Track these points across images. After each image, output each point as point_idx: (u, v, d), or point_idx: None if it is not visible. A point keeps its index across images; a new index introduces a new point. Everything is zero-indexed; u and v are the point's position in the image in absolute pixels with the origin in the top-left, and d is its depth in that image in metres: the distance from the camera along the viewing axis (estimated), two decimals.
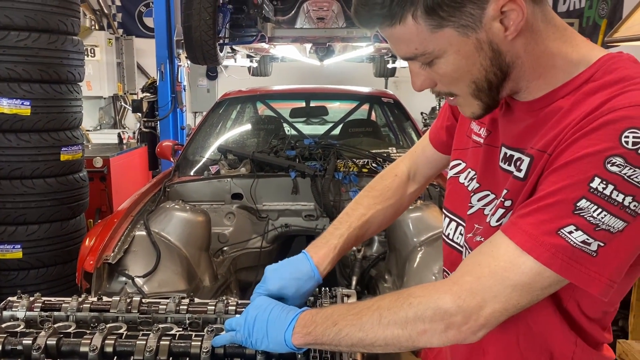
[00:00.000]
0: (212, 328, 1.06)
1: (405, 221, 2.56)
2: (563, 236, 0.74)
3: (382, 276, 2.69)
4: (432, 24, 0.76)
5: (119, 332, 1.08)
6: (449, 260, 1.10)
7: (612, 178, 0.71)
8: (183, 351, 1.02)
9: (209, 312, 1.17)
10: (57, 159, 3.31)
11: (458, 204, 1.05)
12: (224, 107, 3.94)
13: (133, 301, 1.18)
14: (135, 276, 2.25)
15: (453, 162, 1.09)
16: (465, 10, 0.75)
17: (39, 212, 3.26)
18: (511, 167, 0.90)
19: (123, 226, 2.44)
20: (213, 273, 2.63)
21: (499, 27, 0.77)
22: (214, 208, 3.01)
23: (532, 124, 0.87)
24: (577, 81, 0.82)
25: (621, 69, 0.80)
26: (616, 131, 0.72)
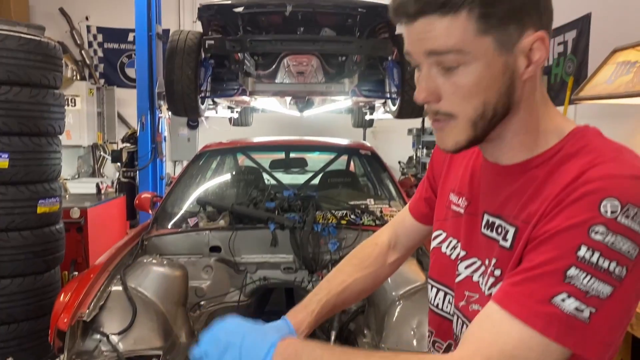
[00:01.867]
0: None
1: None
2: (556, 304, 0.77)
3: (360, 331, 2.68)
4: (480, 27, 0.79)
5: None
6: (441, 330, 1.11)
7: (597, 246, 0.76)
8: None
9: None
10: (34, 211, 3.28)
11: (443, 273, 1.08)
12: (203, 159, 3.97)
13: None
14: (110, 333, 2.21)
15: (435, 233, 1.13)
16: (509, 29, 0.80)
17: (12, 266, 3.20)
18: (494, 234, 0.93)
19: (99, 281, 2.41)
20: (190, 329, 2.59)
21: (523, 61, 0.83)
22: (192, 261, 2.99)
23: (512, 192, 0.91)
24: (551, 151, 0.88)
25: (590, 141, 0.86)
26: (595, 202, 0.77)
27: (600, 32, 4.16)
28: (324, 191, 3.68)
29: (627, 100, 2.97)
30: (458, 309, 1.01)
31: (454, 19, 0.79)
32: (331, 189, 3.79)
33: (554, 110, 0.92)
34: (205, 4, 4.15)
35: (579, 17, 4.45)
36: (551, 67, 4.97)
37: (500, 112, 0.86)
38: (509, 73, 0.83)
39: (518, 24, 0.80)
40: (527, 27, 0.81)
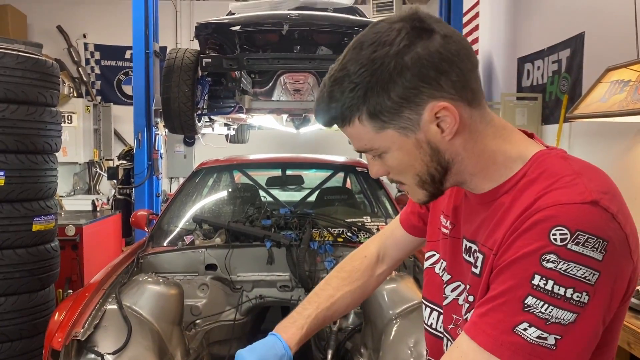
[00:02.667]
0: None
1: (380, 293, 2.57)
2: (519, 333, 0.78)
3: (357, 350, 2.66)
4: (375, 126, 0.87)
5: None
6: (434, 350, 1.12)
7: (550, 274, 0.77)
8: None
9: None
10: (29, 229, 3.25)
11: (435, 294, 1.09)
12: (200, 176, 3.97)
13: None
14: (105, 353, 2.18)
15: (428, 253, 1.14)
16: (404, 115, 0.85)
17: (6, 284, 3.16)
18: (471, 259, 0.96)
19: (94, 300, 2.39)
20: (185, 348, 2.57)
21: (435, 130, 0.86)
22: (188, 279, 2.98)
23: (484, 219, 0.94)
24: (516, 177, 0.89)
25: (549, 166, 0.87)
26: (545, 230, 0.78)
27: (594, 51, 4.20)
28: (321, 208, 3.68)
29: (621, 119, 2.99)
30: (447, 331, 1.03)
31: (353, 127, 0.89)
32: (328, 206, 3.79)
33: (516, 138, 0.93)
34: (203, 22, 4.19)
35: (572, 35, 4.50)
36: (546, 85, 5.01)
37: (438, 172, 0.92)
38: (425, 145, 0.88)
39: (411, 107, 0.84)
40: (425, 103, 0.84)
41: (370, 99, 0.84)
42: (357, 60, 0.84)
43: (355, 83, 0.84)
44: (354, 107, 0.86)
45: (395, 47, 0.82)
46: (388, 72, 0.82)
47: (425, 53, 0.82)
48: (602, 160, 3.86)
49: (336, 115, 0.89)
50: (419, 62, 0.82)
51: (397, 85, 0.82)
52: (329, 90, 0.88)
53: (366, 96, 0.84)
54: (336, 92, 0.86)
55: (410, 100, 0.83)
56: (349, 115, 0.87)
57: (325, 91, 0.89)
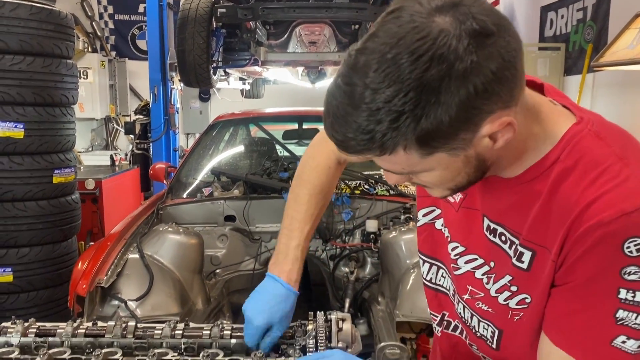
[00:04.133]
0: (207, 353, 1.06)
1: (398, 243, 2.58)
2: (618, 346, 0.78)
3: (375, 298, 2.69)
4: (423, 153, 0.73)
5: (115, 357, 1.09)
6: (436, 303, 1.12)
7: (635, 285, 0.76)
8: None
9: (204, 337, 1.17)
10: (50, 181, 3.30)
11: (437, 249, 1.07)
12: (217, 129, 3.96)
13: (128, 326, 1.18)
14: (128, 300, 2.24)
15: (427, 208, 1.09)
16: (459, 137, 0.72)
17: (30, 235, 3.24)
18: (498, 241, 0.91)
19: (116, 249, 2.44)
20: (206, 296, 2.62)
21: (488, 142, 0.76)
22: (207, 230, 3.02)
23: (512, 204, 0.87)
24: (546, 161, 0.82)
25: (586, 151, 0.81)
26: (617, 245, 0.75)
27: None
28: None
29: None
30: (462, 300, 1.01)
31: (393, 156, 0.74)
32: None
33: (543, 115, 0.84)
34: None
35: None
36: (569, 34, 4.85)
37: (477, 178, 0.84)
38: (473, 159, 0.79)
39: (468, 127, 0.72)
40: (484, 121, 0.72)
41: (421, 126, 0.69)
42: (397, 79, 0.67)
43: (399, 111, 0.67)
44: (398, 138, 0.70)
45: (459, 63, 0.67)
46: (449, 94, 0.67)
47: (492, 66, 0.69)
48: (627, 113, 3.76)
49: (372, 147, 0.72)
50: (485, 78, 0.68)
51: (456, 107, 0.68)
52: (357, 119, 0.70)
53: (416, 124, 0.69)
54: (370, 122, 0.69)
55: (470, 121, 0.71)
56: (390, 147, 0.72)
57: (352, 119, 0.71)
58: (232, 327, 1.20)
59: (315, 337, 1.11)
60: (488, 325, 0.97)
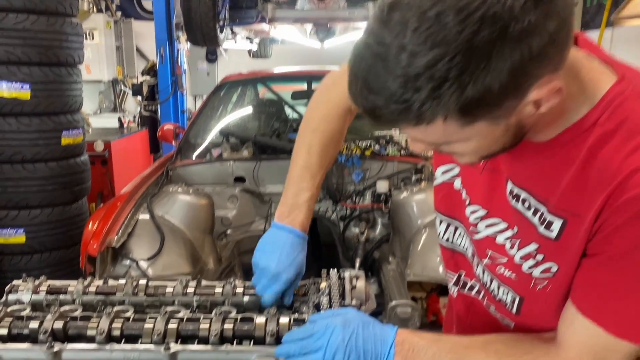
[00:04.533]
0: (220, 311, 1.05)
1: (409, 204, 2.55)
2: None
3: (385, 258, 2.69)
4: (463, 122, 0.66)
5: (126, 315, 1.07)
6: (452, 263, 1.09)
7: None
8: (192, 334, 1.01)
9: (216, 295, 1.16)
10: (58, 142, 3.28)
11: (455, 209, 1.03)
12: (224, 90, 3.90)
13: (139, 284, 1.17)
14: (139, 259, 2.25)
15: (445, 166, 1.04)
16: (503, 105, 0.65)
17: (40, 196, 3.24)
18: (521, 207, 0.86)
19: (126, 210, 2.43)
20: (217, 256, 2.63)
21: (530, 108, 0.69)
22: (217, 191, 3.00)
23: (541, 170, 0.82)
24: (584, 124, 0.76)
25: (629, 113, 0.74)
26: None
27: None
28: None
29: None
30: (482, 263, 0.98)
31: (430, 126, 0.67)
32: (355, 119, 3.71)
33: (583, 74, 0.77)
34: None
35: None
36: None
37: (512, 145, 0.77)
38: (513, 127, 0.73)
39: (516, 94, 0.65)
40: (531, 87, 0.65)
41: (467, 94, 0.61)
42: (442, 41, 0.59)
43: (443, 78, 0.60)
44: (439, 108, 0.63)
45: (515, 24, 0.59)
46: (500, 59, 0.60)
47: (550, 27, 0.61)
48: None
49: (407, 118, 0.65)
50: (541, 41, 0.61)
51: (507, 73, 0.61)
52: (392, 86, 0.63)
53: (461, 93, 0.61)
54: (407, 90, 0.62)
55: (519, 88, 0.64)
56: (428, 117, 0.65)
57: (384, 85, 0.63)
58: (245, 284, 1.18)
59: (329, 295, 1.09)
60: (508, 291, 0.93)
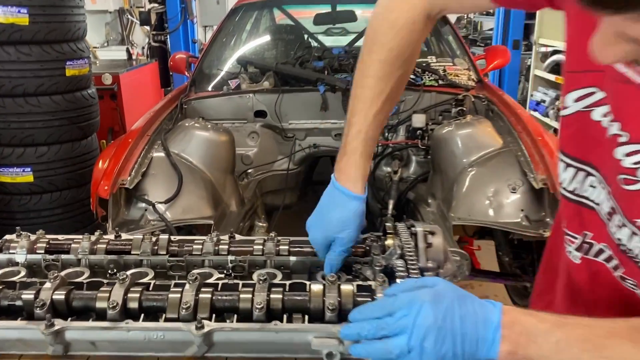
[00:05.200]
0: (263, 275, 0.82)
1: (453, 139, 2.29)
2: None
3: (423, 200, 2.45)
4: None
5: (145, 281, 0.85)
6: (576, 222, 0.83)
7: None
8: (230, 306, 0.79)
9: (255, 253, 0.93)
10: (62, 74, 3.02)
11: (590, 148, 0.77)
12: (239, 14, 3.55)
13: (160, 240, 0.94)
14: (156, 202, 2.03)
15: (581, 90, 0.77)
16: None
17: (47, 133, 3.02)
18: None
19: (139, 147, 2.20)
20: (239, 197, 2.41)
21: None
22: (236, 127, 2.75)
23: None
24: None
25: None
26: None
27: None
28: None
29: None
30: (631, 223, 0.71)
31: None
32: None
33: None
34: None
35: None
36: None
37: None
38: None
39: None
40: None
41: None
42: None
43: None
44: None
45: None
46: None
47: None
48: None
49: None
50: None
51: None
52: None
53: None
54: None
55: None
56: None
57: None
58: (290, 240, 0.95)
59: (403, 257, 0.85)
60: None
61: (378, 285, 0.80)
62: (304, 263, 0.91)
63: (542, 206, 2.01)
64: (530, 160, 2.03)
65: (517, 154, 2.13)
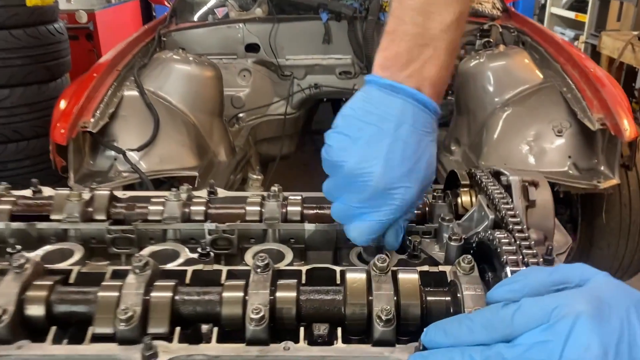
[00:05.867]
0: (263, 258, 0.47)
1: (484, 73, 1.92)
2: None
3: (444, 147, 2.11)
4: None
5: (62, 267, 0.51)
6: None
7: None
8: (204, 313, 0.46)
9: (249, 218, 0.59)
10: (22, 3, 2.61)
11: None
12: None
13: (97, 197, 0.59)
14: (127, 149, 1.68)
15: None
16: None
17: (8, 73, 2.65)
18: None
19: (106, 83, 1.82)
20: (230, 145, 2.06)
21: None
22: (224, 64, 2.37)
23: None
24: None
25: None
26: None
27: None
28: None
29: None
30: None
31: None
32: None
33: None
34: None
35: None
36: None
37: None
38: None
39: None
40: None
41: None
42: None
43: None
44: None
45: None
46: None
47: None
48: None
49: None
50: None
51: None
52: None
53: None
54: None
55: None
56: None
57: None
58: (303, 197, 0.61)
59: (503, 224, 0.51)
60: None
61: (463, 275, 0.46)
62: (327, 234, 0.57)
63: (594, 152, 1.67)
64: (582, 96, 1.68)
65: (562, 89, 1.77)
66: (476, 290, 0.45)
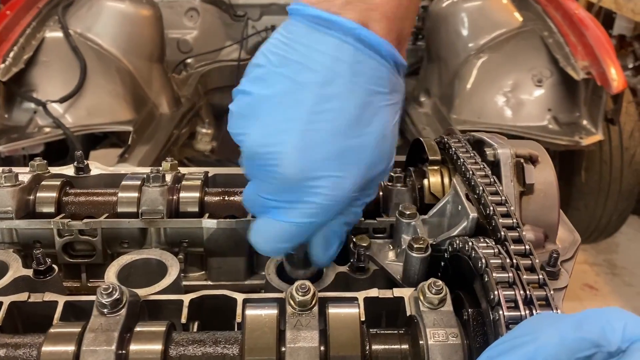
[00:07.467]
0: (113, 294, 0.29)
1: (457, 14, 1.73)
2: None
3: (413, 97, 1.93)
4: None
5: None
6: None
7: None
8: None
9: (120, 207, 0.40)
10: None
11: None
12: None
13: None
14: (48, 100, 1.45)
15: None
16: None
17: None
18: None
19: (22, 23, 1.56)
20: (173, 95, 1.84)
21: None
22: (168, 2, 2.12)
23: None
24: None
25: None
26: None
27: None
28: None
29: None
30: None
31: None
32: None
33: None
34: None
35: None
36: None
37: None
38: None
39: None
40: None
41: None
42: None
43: None
44: None
45: None
46: None
47: None
48: None
49: None
50: None
51: None
52: None
53: None
54: None
55: None
56: None
57: None
58: (205, 176, 0.42)
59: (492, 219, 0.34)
60: None
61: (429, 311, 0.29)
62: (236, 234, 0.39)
63: (575, 104, 1.52)
64: (565, 41, 1.51)
65: (542, 33, 1.60)
66: (449, 338, 0.28)
